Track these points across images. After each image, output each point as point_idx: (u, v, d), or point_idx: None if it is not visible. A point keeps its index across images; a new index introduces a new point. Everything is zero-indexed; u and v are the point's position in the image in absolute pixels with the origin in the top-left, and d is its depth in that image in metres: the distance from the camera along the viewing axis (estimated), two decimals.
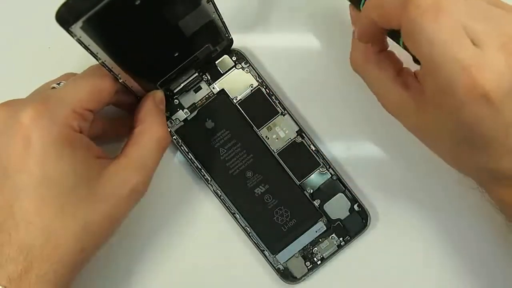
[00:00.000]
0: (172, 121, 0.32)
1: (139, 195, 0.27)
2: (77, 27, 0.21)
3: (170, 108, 0.32)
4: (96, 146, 0.26)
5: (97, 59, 0.24)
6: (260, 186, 0.31)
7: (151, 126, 0.27)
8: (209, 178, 0.31)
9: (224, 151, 0.31)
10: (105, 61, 0.24)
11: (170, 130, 0.31)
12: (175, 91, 0.31)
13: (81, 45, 0.22)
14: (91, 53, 0.23)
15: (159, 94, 0.29)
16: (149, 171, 0.27)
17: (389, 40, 0.27)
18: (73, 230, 0.24)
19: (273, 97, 0.32)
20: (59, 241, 0.24)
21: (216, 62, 0.32)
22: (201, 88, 0.32)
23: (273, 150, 0.31)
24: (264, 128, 0.32)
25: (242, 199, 0.31)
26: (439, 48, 0.21)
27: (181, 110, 0.32)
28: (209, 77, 0.32)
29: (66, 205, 0.24)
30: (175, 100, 0.32)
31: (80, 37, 0.22)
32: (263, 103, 0.32)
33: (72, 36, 0.22)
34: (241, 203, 0.31)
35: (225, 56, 0.32)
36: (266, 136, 0.32)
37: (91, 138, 0.26)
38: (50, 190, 0.24)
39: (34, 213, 0.24)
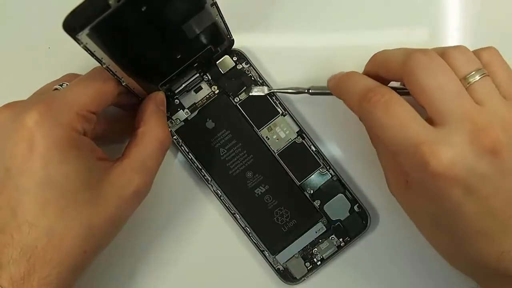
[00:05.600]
0: (173, 121, 0.32)
1: (141, 197, 0.27)
2: (83, 35, 0.21)
3: (171, 108, 0.31)
4: (98, 148, 0.26)
5: (101, 64, 0.24)
6: (260, 187, 0.31)
7: (152, 128, 0.27)
8: (209, 178, 0.31)
9: (224, 151, 0.31)
10: (109, 65, 0.24)
11: (171, 130, 0.31)
12: (176, 92, 0.31)
13: (87, 51, 0.22)
14: (96, 58, 0.23)
15: (160, 95, 0.29)
16: (151, 173, 0.27)
17: None
18: (75, 233, 0.24)
19: (274, 97, 0.32)
20: (61, 243, 0.24)
21: (217, 62, 0.32)
22: (201, 88, 0.32)
23: (273, 151, 0.31)
24: (265, 128, 0.32)
25: (242, 200, 0.31)
26: (389, 131, 0.23)
27: (181, 110, 0.32)
28: (210, 77, 0.32)
29: (69, 208, 0.24)
30: (176, 100, 0.32)
31: (87, 44, 0.22)
32: (264, 103, 0.32)
33: (78, 43, 0.22)
34: (241, 203, 0.31)
35: (226, 56, 0.32)
36: (266, 137, 0.31)
37: (92, 139, 0.26)
38: (53, 192, 0.24)
39: (36, 215, 0.23)
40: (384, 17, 0.33)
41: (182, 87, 0.31)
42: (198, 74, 0.31)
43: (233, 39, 0.30)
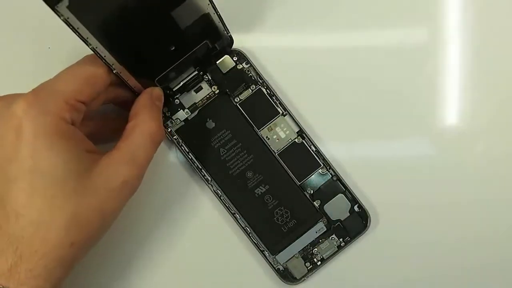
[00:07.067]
0: (173, 121, 0.32)
1: (130, 189, 0.26)
2: (63, 6, 0.20)
3: (171, 108, 0.31)
4: (88, 141, 0.26)
5: (87, 45, 0.23)
6: (261, 187, 0.31)
7: (144, 121, 0.27)
8: (209, 178, 0.31)
9: (224, 151, 0.31)
10: (96, 47, 0.24)
11: (171, 130, 0.31)
12: (174, 90, 0.31)
13: (69, 27, 0.22)
14: (81, 37, 0.23)
15: (157, 91, 0.29)
16: (141, 165, 0.26)
17: None
18: (61, 223, 0.23)
19: (274, 98, 0.32)
20: (47, 234, 0.23)
21: (217, 62, 0.32)
22: (202, 88, 0.32)
23: (273, 151, 0.31)
24: (265, 128, 0.32)
25: (242, 199, 0.31)
26: None
27: (181, 110, 0.32)
28: (210, 77, 0.32)
29: (55, 197, 0.23)
30: (176, 100, 0.32)
31: (68, 18, 0.21)
32: (264, 104, 0.32)
33: (58, 16, 0.21)
34: (241, 203, 0.31)
35: (226, 56, 0.32)
36: (266, 137, 0.31)
37: (90, 137, 0.26)
38: (41, 181, 0.23)
39: (24, 205, 0.23)
40: (384, 17, 0.33)
41: (180, 84, 0.31)
42: (196, 72, 0.31)
43: (230, 35, 0.30)
